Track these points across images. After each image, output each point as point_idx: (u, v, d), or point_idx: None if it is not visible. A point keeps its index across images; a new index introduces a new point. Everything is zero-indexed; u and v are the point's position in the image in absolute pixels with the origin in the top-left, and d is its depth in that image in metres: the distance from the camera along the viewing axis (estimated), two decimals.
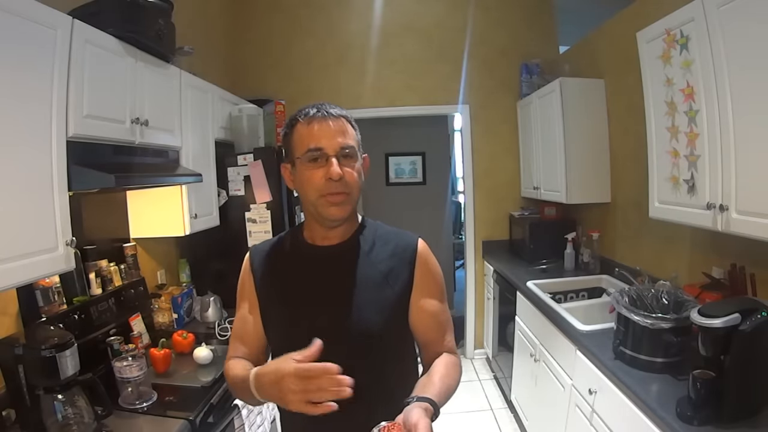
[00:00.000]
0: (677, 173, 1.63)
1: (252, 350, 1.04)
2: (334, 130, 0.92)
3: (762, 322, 1.17)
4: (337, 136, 0.92)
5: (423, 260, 1.00)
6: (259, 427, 1.81)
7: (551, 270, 2.91)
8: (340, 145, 0.91)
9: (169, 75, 1.94)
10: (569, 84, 2.67)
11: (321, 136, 0.91)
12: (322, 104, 0.95)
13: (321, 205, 0.93)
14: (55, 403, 1.27)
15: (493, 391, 3.23)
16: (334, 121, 0.93)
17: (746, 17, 1.26)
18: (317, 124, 0.92)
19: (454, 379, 0.95)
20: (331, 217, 0.94)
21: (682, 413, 1.24)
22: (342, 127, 0.93)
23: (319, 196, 0.92)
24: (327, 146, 0.91)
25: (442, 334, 1.01)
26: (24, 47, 1.17)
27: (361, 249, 0.99)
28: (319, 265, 0.99)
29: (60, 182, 1.28)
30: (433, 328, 1.01)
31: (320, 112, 0.93)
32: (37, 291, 1.52)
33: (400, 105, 3.56)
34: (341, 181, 0.90)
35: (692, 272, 1.91)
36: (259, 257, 1.06)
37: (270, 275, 1.03)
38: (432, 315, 1.00)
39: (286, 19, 3.52)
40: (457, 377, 0.97)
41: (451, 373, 0.95)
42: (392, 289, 0.97)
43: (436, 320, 1.01)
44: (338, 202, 0.92)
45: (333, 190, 0.91)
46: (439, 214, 4.70)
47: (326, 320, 0.93)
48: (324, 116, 0.92)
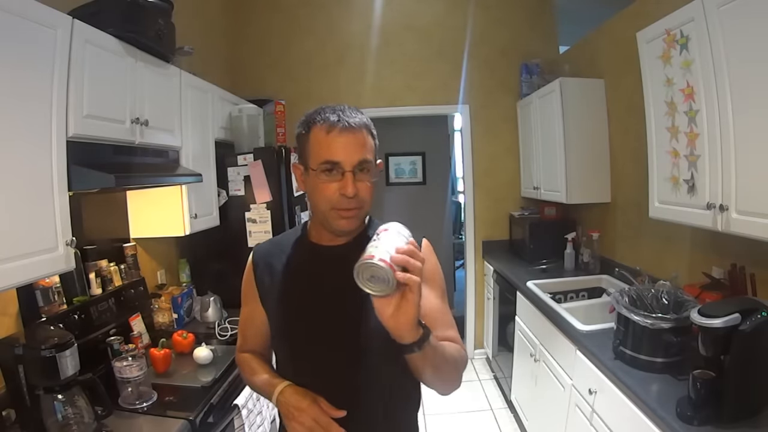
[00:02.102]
0: (677, 173, 1.63)
1: (256, 347, 1.08)
2: (353, 144, 0.87)
3: (762, 322, 1.17)
4: (356, 150, 0.87)
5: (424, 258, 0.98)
6: (259, 427, 1.81)
7: (551, 270, 2.91)
8: (358, 161, 0.87)
9: (169, 75, 1.94)
10: (569, 84, 2.67)
11: (339, 149, 0.87)
12: (344, 110, 0.90)
13: (331, 217, 0.91)
14: (55, 403, 1.27)
15: (493, 391, 3.23)
16: (354, 133, 0.88)
17: (746, 17, 1.26)
18: (336, 135, 0.87)
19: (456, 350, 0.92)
20: (340, 229, 0.93)
21: (682, 413, 1.24)
22: (362, 140, 0.89)
23: (331, 208, 0.90)
24: (344, 161, 0.87)
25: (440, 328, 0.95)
26: (24, 47, 1.17)
27: None
28: (323, 264, 0.99)
29: (60, 182, 1.28)
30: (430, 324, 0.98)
31: (341, 121, 0.88)
32: (37, 291, 1.52)
33: (400, 105, 3.56)
34: (355, 198, 0.88)
35: (692, 272, 1.91)
36: (262, 256, 1.05)
37: (273, 274, 1.02)
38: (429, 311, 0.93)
39: (286, 19, 3.52)
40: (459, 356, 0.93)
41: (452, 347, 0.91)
42: None
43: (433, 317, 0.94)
44: (349, 216, 0.91)
45: (345, 205, 0.88)
46: (439, 214, 4.70)
47: (325, 320, 0.93)
48: (345, 127, 0.87)
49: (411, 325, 0.75)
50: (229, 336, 2.09)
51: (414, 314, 0.74)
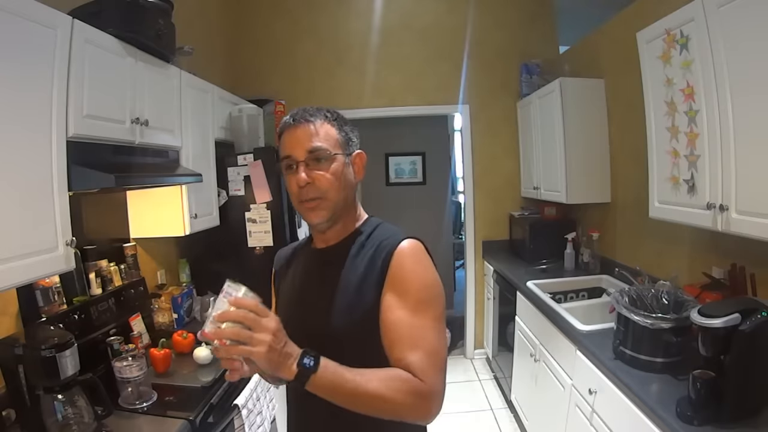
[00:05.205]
0: (677, 173, 1.63)
1: None
2: (301, 136, 0.91)
3: (762, 322, 1.17)
4: (303, 141, 0.91)
5: (398, 263, 0.88)
6: (259, 427, 1.81)
7: (551, 270, 2.91)
8: (307, 150, 0.91)
9: (169, 75, 1.94)
10: (569, 84, 2.67)
11: (290, 144, 0.92)
12: (301, 110, 0.95)
13: (301, 211, 0.95)
14: (55, 403, 1.27)
15: (493, 391, 3.23)
16: (302, 126, 0.92)
17: (746, 17, 1.26)
18: (287, 132, 0.93)
19: (390, 381, 0.77)
20: (311, 222, 0.95)
21: (682, 413, 1.24)
22: (310, 131, 0.92)
23: (298, 202, 0.94)
24: (295, 153, 0.91)
25: (396, 348, 0.83)
26: (24, 47, 1.17)
27: (350, 252, 0.96)
28: (313, 267, 1.01)
29: (60, 182, 1.28)
30: (388, 338, 0.85)
31: (291, 118, 0.93)
32: (37, 291, 1.52)
33: (400, 105, 3.56)
34: (311, 187, 0.90)
35: (692, 272, 1.91)
36: (279, 260, 1.12)
37: (283, 277, 1.08)
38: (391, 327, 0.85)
39: (286, 19, 3.52)
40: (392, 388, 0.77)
41: (379, 380, 0.77)
42: (366, 294, 0.89)
43: (393, 335, 0.84)
44: (312, 208, 0.92)
45: (304, 196, 0.91)
46: (439, 214, 4.70)
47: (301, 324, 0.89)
48: (292, 123, 0.93)
49: (269, 369, 0.74)
50: None
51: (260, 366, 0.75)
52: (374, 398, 0.76)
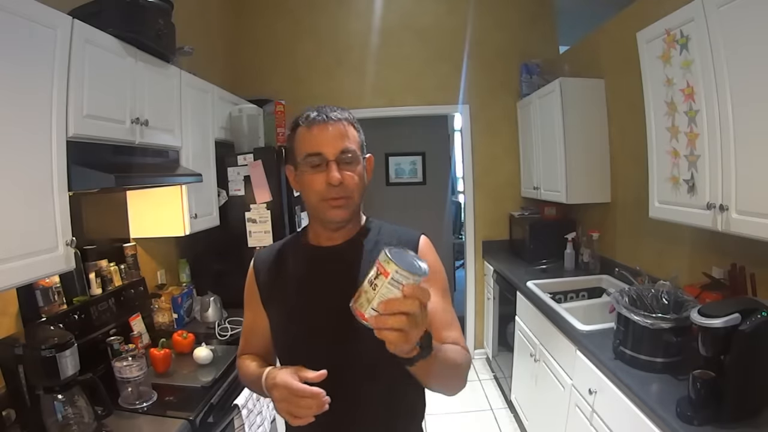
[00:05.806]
0: (677, 173, 1.63)
1: (259, 350, 1.08)
2: (333, 135, 0.92)
3: (762, 322, 1.17)
4: (336, 140, 0.92)
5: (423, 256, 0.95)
6: (259, 427, 1.81)
7: (551, 270, 2.91)
8: (340, 150, 0.91)
9: (169, 75, 1.94)
10: (569, 84, 2.67)
11: (320, 141, 0.91)
12: (324, 107, 0.95)
13: (322, 209, 0.94)
14: (55, 403, 1.27)
15: (493, 391, 3.23)
16: (333, 125, 0.92)
17: (746, 17, 1.26)
18: (317, 129, 0.92)
19: (458, 353, 0.89)
20: (332, 220, 0.95)
21: (682, 413, 1.24)
22: (342, 131, 0.93)
23: (321, 199, 0.93)
24: (326, 151, 0.91)
25: (440, 329, 0.93)
26: (24, 47, 1.17)
27: (365, 247, 0.98)
28: (322, 263, 0.99)
29: (60, 182, 1.28)
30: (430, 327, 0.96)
31: (320, 115, 0.93)
32: (37, 291, 1.52)
33: (400, 105, 3.56)
34: (341, 186, 0.91)
35: (692, 272, 1.91)
36: (262, 262, 1.07)
37: (272, 278, 1.04)
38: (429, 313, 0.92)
39: (287, 19, 3.52)
40: (462, 359, 0.90)
41: (454, 352, 0.89)
42: None
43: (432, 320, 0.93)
44: (339, 206, 0.93)
45: (333, 195, 0.91)
46: (439, 214, 4.71)
47: (324, 319, 0.93)
48: (324, 120, 0.92)
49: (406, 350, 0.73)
50: (229, 336, 2.09)
51: (409, 347, 0.71)
52: (456, 366, 0.88)
